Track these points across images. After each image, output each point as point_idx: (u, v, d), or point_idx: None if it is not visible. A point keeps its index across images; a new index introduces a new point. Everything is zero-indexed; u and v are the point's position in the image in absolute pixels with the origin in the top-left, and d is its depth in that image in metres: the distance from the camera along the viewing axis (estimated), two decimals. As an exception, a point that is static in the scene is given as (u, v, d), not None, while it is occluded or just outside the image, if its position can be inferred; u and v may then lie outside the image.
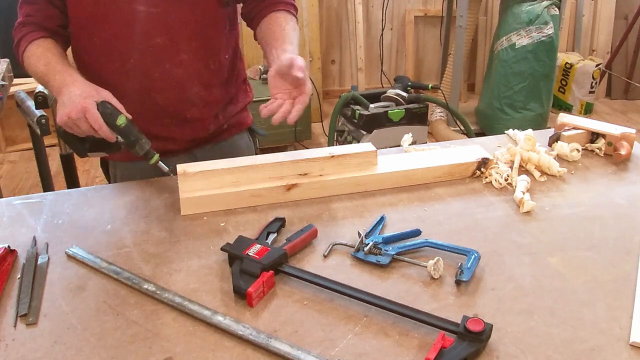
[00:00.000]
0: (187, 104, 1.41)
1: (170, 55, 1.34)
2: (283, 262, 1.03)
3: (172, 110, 1.41)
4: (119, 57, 1.33)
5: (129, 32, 1.30)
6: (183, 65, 1.36)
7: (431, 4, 4.60)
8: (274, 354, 0.86)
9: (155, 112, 1.40)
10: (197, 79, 1.39)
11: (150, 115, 1.39)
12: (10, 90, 2.57)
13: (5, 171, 3.73)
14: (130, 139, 1.21)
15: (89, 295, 1.00)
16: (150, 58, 1.33)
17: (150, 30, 1.31)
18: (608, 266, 1.04)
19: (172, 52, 1.34)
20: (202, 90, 1.41)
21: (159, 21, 1.30)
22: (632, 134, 1.43)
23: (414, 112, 3.24)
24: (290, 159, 1.29)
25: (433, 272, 1.01)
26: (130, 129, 1.21)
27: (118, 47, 1.32)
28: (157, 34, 1.31)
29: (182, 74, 1.37)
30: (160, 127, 1.42)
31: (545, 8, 3.59)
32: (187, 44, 1.35)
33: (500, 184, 1.31)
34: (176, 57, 1.35)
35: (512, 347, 0.87)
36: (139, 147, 1.23)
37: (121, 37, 1.31)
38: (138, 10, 1.29)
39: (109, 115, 1.17)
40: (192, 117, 1.43)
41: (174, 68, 1.35)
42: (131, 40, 1.31)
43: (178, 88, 1.38)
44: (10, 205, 1.28)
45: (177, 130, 1.44)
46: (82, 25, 1.32)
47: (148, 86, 1.36)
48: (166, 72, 1.35)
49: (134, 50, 1.32)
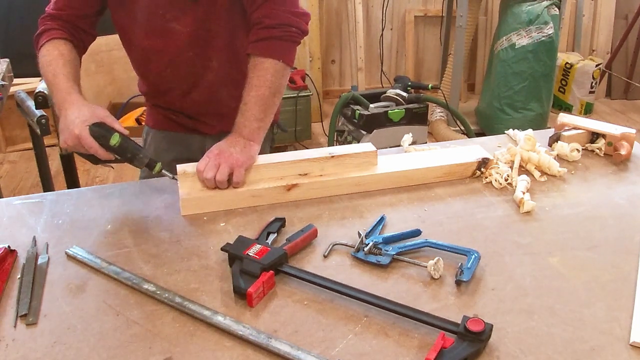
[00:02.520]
0: (219, 103, 1.50)
1: (201, 63, 1.43)
2: (283, 262, 1.03)
3: (208, 107, 1.52)
4: (156, 65, 1.44)
5: (162, 46, 1.40)
6: (214, 71, 1.45)
7: (431, 4, 4.59)
8: (274, 354, 0.86)
9: (192, 108, 1.53)
10: (226, 82, 1.47)
11: (187, 111, 1.54)
12: (10, 90, 2.57)
13: (5, 171, 3.73)
14: (126, 156, 1.23)
15: (89, 295, 1.00)
16: (183, 67, 1.43)
17: (183, 46, 1.39)
18: (608, 266, 1.04)
19: (203, 61, 1.43)
20: (231, 91, 1.46)
21: (190, 38, 1.38)
22: (632, 134, 1.43)
23: (414, 112, 3.24)
24: (290, 159, 1.29)
25: (433, 272, 1.01)
26: (124, 147, 1.22)
27: (153, 57, 1.43)
28: (189, 49, 1.40)
29: (214, 77, 1.46)
30: (195, 114, 1.54)
31: (545, 8, 3.59)
32: (217, 54, 1.43)
33: (500, 184, 1.31)
34: (207, 64, 1.44)
35: (512, 347, 0.87)
36: (137, 162, 1.23)
37: (156, 50, 1.41)
38: (170, 27, 1.37)
39: (102, 138, 1.19)
40: (224, 112, 1.48)
41: (206, 73, 1.45)
42: (165, 53, 1.41)
43: (211, 89, 1.48)
44: (10, 205, 1.28)
45: (210, 119, 1.55)
46: (121, 34, 1.44)
47: (185, 87, 1.47)
48: (199, 76, 1.45)
49: (168, 61, 1.42)
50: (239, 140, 1.30)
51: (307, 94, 3.71)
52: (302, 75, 3.80)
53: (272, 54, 1.33)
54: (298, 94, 3.66)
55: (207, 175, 1.23)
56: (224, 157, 1.25)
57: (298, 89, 3.67)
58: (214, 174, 1.23)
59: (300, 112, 3.70)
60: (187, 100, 1.51)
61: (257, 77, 1.33)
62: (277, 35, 1.33)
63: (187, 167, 1.27)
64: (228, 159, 1.25)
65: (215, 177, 1.23)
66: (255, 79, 1.33)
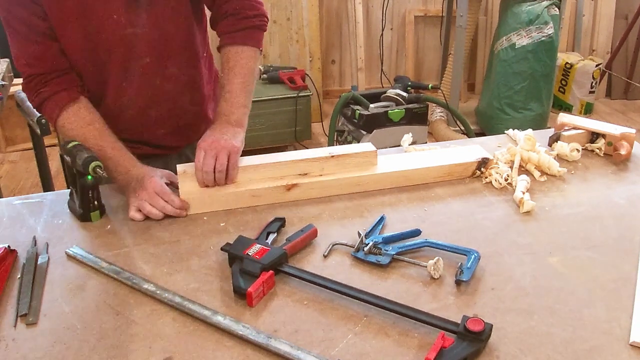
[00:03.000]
0: (180, 113, 1.44)
1: (159, 71, 1.35)
2: (283, 262, 1.03)
3: (166, 122, 1.43)
4: (111, 79, 1.33)
5: (119, 54, 1.30)
6: (172, 78, 1.37)
7: (431, 4, 4.59)
8: (274, 354, 0.86)
9: (149, 125, 1.42)
10: (187, 88, 1.42)
11: (144, 129, 1.42)
12: (10, 90, 2.57)
13: (5, 171, 3.73)
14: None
15: (89, 295, 1.00)
16: (140, 77, 1.34)
17: (138, 51, 1.30)
18: (608, 266, 1.04)
19: (160, 68, 1.35)
20: (192, 97, 1.44)
21: (145, 42, 1.30)
22: (632, 134, 1.43)
23: (414, 112, 3.24)
24: (290, 158, 1.29)
25: (433, 272, 1.01)
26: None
27: (109, 70, 1.31)
28: (144, 54, 1.31)
29: (173, 86, 1.38)
30: (156, 138, 1.45)
31: (545, 8, 3.59)
32: (173, 58, 1.36)
33: (500, 184, 1.31)
34: (165, 72, 1.36)
35: (512, 347, 0.87)
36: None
37: (113, 60, 1.30)
38: (125, 34, 1.27)
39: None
40: (185, 124, 1.46)
41: (164, 82, 1.37)
42: (121, 63, 1.31)
43: (170, 100, 1.40)
44: (10, 205, 1.28)
45: (171, 138, 1.47)
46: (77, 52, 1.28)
47: (142, 103, 1.37)
48: (157, 88, 1.37)
49: (125, 71, 1.32)
50: (228, 127, 1.30)
51: (307, 94, 3.71)
52: (302, 75, 3.80)
53: (251, 43, 1.37)
54: (298, 94, 3.66)
55: (208, 167, 1.22)
56: (220, 145, 1.25)
57: (298, 89, 3.67)
58: (214, 165, 1.22)
59: (300, 112, 3.70)
60: (146, 119, 1.40)
61: (239, 66, 1.34)
62: (256, 25, 1.37)
63: (187, 167, 1.27)
64: (224, 146, 1.25)
65: (216, 168, 1.22)
66: (237, 67, 1.34)
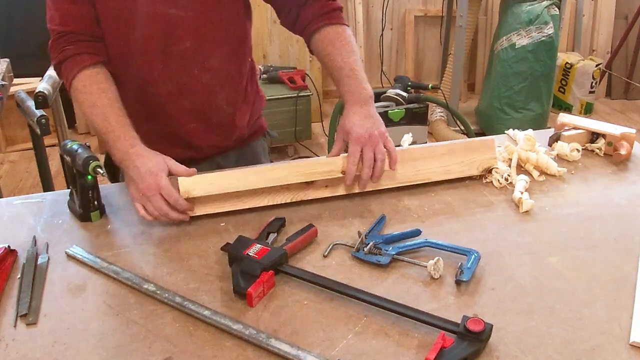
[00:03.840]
0: (214, 110, 1.39)
1: (199, 60, 1.32)
2: (283, 262, 1.03)
3: (200, 115, 1.38)
4: (147, 61, 1.30)
5: (159, 36, 1.27)
6: (212, 70, 1.34)
7: (431, 4, 4.59)
8: (274, 354, 0.86)
9: (182, 116, 1.37)
10: (225, 84, 1.38)
11: (177, 120, 1.37)
12: (10, 90, 2.57)
13: (5, 171, 3.73)
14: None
15: (89, 295, 1.00)
16: (178, 63, 1.31)
17: (180, 34, 1.28)
18: (608, 266, 1.04)
19: (201, 57, 1.32)
20: (230, 94, 1.40)
21: (189, 25, 1.27)
22: (632, 134, 1.43)
23: (414, 112, 3.24)
24: (298, 177, 1.23)
25: (433, 272, 1.01)
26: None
27: (146, 51, 1.28)
28: (186, 38, 1.28)
29: (211, 78, 1.35)
30: (187, 132, 1.39)
31: (545, 8, 3.59)
32: (216, 48, 1.33)
33: (500, 183, 1.31)
34: (205, 62, 1.33)
35: (512, 347, 0.87)
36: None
37: (150, 41, 1.27)
38: (167, 13, 1.25)
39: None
40: (217, 122, 1.41)
41: (203, 73, 1.33)
42: (160, 44, 1.28)
43: (206, 93, 1.36)
44: (10, 205, 1.28)
45: (203, 136, 1.41)
46: (111, 26, 1.27)
47: (176, 91, 1.33)
48: (195, 77, 1.33)
49: (162, 55, 1.29)
50: (364, 109, 1.26)
51: (307, 94, 3.71)
52: (302, 75, 3.80)
53: (345, 23, 1.36)
54: (298, 94, 3.66)
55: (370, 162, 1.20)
56: (374, 136, 1.22)
57: (298, 89, 3.67)
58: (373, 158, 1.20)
59: (300, 112, 3.70)
60: (177, 109, 1.36)
61: (349, 44, 1.32)
62: (340, 7, 1.36)
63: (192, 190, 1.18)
64: (377, 139, 1.22)
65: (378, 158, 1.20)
66: (347, 45, 1.31)
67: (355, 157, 1.21)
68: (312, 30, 1.34)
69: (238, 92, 1.43)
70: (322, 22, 1.33)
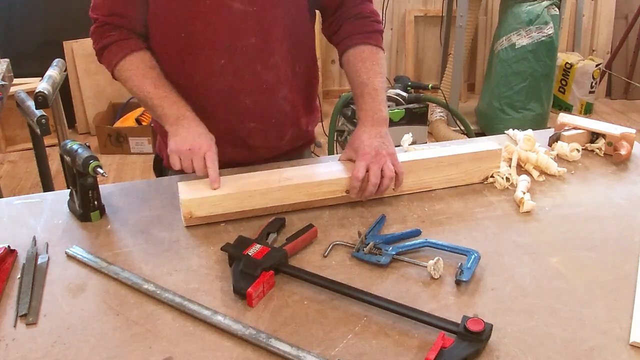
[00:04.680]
0: (275, 109, 1.38)
1: (263, 56, 1.30)
2: (283, 262, 1.03)
3: (259, 114, 1.36)
4: (209, 55, 1.28)
5: (222, 29, 1.26)
6: (275, 68, 1.33)
7: (431, 4, 4.59)
8: (274, 354, 0.86)
9: (241, 114, 1.35)
10: (286, 83, 1.37)
11: (235, 117, 1.36)
12: (10, 90, 2.57)
13: (5, 171, 3.73)
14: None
15: (89, 295, 1.00)
16: (241, 58, 1.29)
17: (245, 29, 1.26)
18: (608, 266, 1.04)
19: (265, 53, 1.30)
20: (290, 94, 1.38)
21: (254, 20, 1.26)
22: (632, 134, 1.43)
23: (414, 112, 3.24)
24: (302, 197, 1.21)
25: (433, 272, 1.01)
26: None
27: (208, 44, 1.27)
28: (251, 33, 1.27)
29: (273, 77, 1.33)
30: (243, 131, 1.38)
31: (545, 8, 3.59)
32: (279, 45, 1.31)
33: (502, 185, 1.30)
34: (269, 59, 1.31)
35: (512, 347, 0.87)
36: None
37: (213, 34, 1.26)
38: (234, 7, 1.24)
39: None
40: (276, 122, 1.40)
41: (266, 70, 1.32)
42: (223, 38, 1.26)
43: (267, 91, 1.34)
44: (10, 205, 1.28)
45: (259, 136, 1.40)
46: (171, 17, 1.26)
47: (237, 87, 1.32)
48: (257, 74, 1.31)
49: (226, 49, 1.27)
50: (379, 128, 1.27)
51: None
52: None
53: (382, 46, 1.39)
54: (298, 94, 3.65)
55: (376, 179, 1.18)
56: (382, 155, 1.21)
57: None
58: (380, 175, 1.19)
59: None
60: (238, 107, 1.34)
61: (378, 65, 1.34)
62: (381, 30, 1.41)
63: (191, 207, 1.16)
64: (385, 157, 1.21)
65: (386, 175, 1.19)
66: (377, 66, 1.34)
67: (358, 174, 1.19)
68: (348, 45, 1.37)
69: (299, 94, 1.42)
70: (360, 40, 1.36)
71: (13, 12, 3.93)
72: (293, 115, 1.43)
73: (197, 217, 1.17)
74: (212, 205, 1.17)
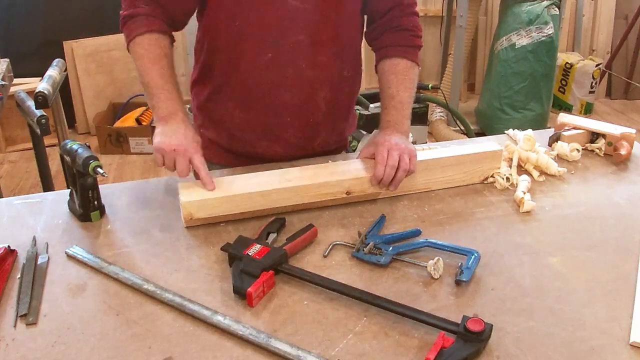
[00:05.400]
0: (313, 107, 1.38)
1: (308, 54, 1.31)
2: (283, 262, 1.03)
3: (297, 110, 1.37)
4: (256, 47, 1.29)
5: (274, 24, 1.27)
6: (319, 67, 1.33)
7: (431, 4, 4.59)
8: (274, 354, 0.86)
9: (279, 109, 1.36)
10: (329, 83, 1.37)
11: (274, 111, 1.37)
12: (10, 90, 2.57)
13: (5, 171, 3.73)
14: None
15: (89, 295, 1.00)
16: (287, 54, 1.30)
17: (295, 26, 1.27)
18: (608, 266, 1.04)
19: (311, 51, 1.31)
20: (330, 95, 1.39)
21: (305, 18, 1.27)
22: (632, 134, 1.43)
23: (414, 112, 3.22)
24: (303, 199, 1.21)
25: (433, 272, 1.01)
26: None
27: (258, 36, 1.28)
28: (300, 31, 1.28)
29: (316, 76, 1.34)
30: (279, 126, 1.39)
31: (545, 8, 3.59)
32: (326, 46, 1.32)
33: (502, 185, 1.30)
34: (315, 58, 1.32)
35: (512, 347, 0.87)
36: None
37: (263, 27, 1.27)
38: (287, 2, 1.25)
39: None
40: (313, 121, 1.40)
41: (310, 68, 1.33)
42: (274, 33, 1.27)
43: (308, 89, 1.35)
44: (10, 205, 1.28)
45: (294, 133, 1.40)
46: (226, 5, 1.27)
47: (279, 82, 1.33)
48: (301, 71, 1.32)
49: (274, 44, 1.28)
50: (399, 135, 1.29)
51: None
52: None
53: (417, 61, 1.40)
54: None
55: (394, 161, 1.21)
56: (401, 146, 1.24)
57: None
58: (398, 162, 1.21)
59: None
60: (278, 102, 1.35)
61: (409, 80, 1.36)
62: (420, 45, 1.41)
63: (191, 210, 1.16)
64: (405, 149, 1.24)
65: (401, 167, 1.21)
66: (408, 81, 1.36)
67: (383, 158, 1.22)
68: (385, 55, 1.38)
69: (340, 96, 1.42)
70: (397, 53, 1.37)
71: (13, 12, 3.93)
72: (330, 117, 1.43)
73: (197, 219, 1.17)
74: (212, 207, 1.17)
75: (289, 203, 1.21)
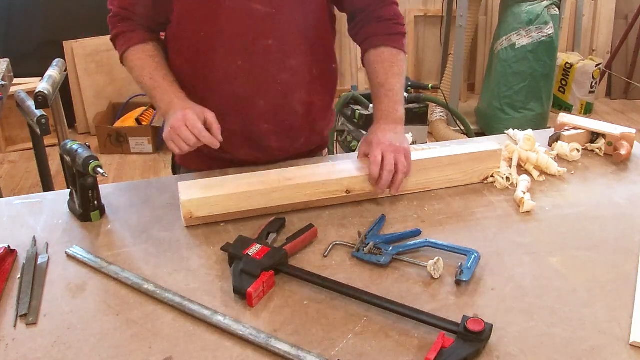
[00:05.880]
0: (289, 111, 1.38)
1: (279, 58, 1.31)
2: (283, 262, 1.03)
3: (273, 116, 1.36)
4: (225, 56, 1.29)
5: (241, 30, 1.26)
6: (291, 71, 1.33)
7: (431, 4, 4.59)
8: (274, 354, 0.86)
9: (256, 116, 1.35)
10: (303, 86, 1.37)
11: (250, 119, 1.36)
12: (10, 90, 2.58)
13: (5, 171, 3.73)
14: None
15: (89, 295, 1.00)
16: (258, 60, 1.29)
17: (263, 31, 1.27)
18: (608, 266, 1.04)
19: (281, 55, 1.30)
20: (306, 97, 1.38)
21: (273, 22, 1.27)
22: (632, 134, 1.43)
23: (414, 112, 3.23)
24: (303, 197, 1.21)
25: (433, 272, 1.01)
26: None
27: (226, 45, 1.28)
28: (269, 35, 1.27)
29: (289, 79, 1.33)
30: (257, 133, 1.38)
31: (545, 8, 3.59)
32: (296, 48, 1.32)
33: (502, 185, 1.30)
34: (285, 62, 1.31)
35: (512, 347, 0.87)
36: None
37: (231, 35, 1.26)
38: (254, 9, 1.24)
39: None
40: (290, 125, 1.40)
41: (282, 72, 1.32)
42: (242, 39, 1.27)
43: (282, 93, 1.34)
44: (10, 205, 1.28)
45: (273, 138, 1.39)
46: (192, 16, 1.27)
47: (253, 89, 1.32)
48: (273, 76, 1.32)
49: (244, 51, 1.28)
50: (394, 126, 1.30)
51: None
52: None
53: (404, 49, 1.39)
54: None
55: (391, 166, 1.20)
56: (396, 147, 1.23)
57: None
58: (393, 166, 1.21)
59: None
60: (252, 108, 1.34)
61: (397, 67, 1.35)
62: (404, 33, 1.41)
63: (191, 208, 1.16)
64: (400, 149, 1.23)
65: (399, 169, 1.21)
66: (395, 68, 1.35)
67: (376, 159, 1.21)
68: (369, 46, 1.38)
69: (316, 97, 1.41)
70: (380, 42, 1.36)
71: (13, 12, 3.93)
72: (308, 118, 1.42)
73: (197, 218, 1.17)
74: (212, 205, 1.17)
75: (288, 202, 1.21)
